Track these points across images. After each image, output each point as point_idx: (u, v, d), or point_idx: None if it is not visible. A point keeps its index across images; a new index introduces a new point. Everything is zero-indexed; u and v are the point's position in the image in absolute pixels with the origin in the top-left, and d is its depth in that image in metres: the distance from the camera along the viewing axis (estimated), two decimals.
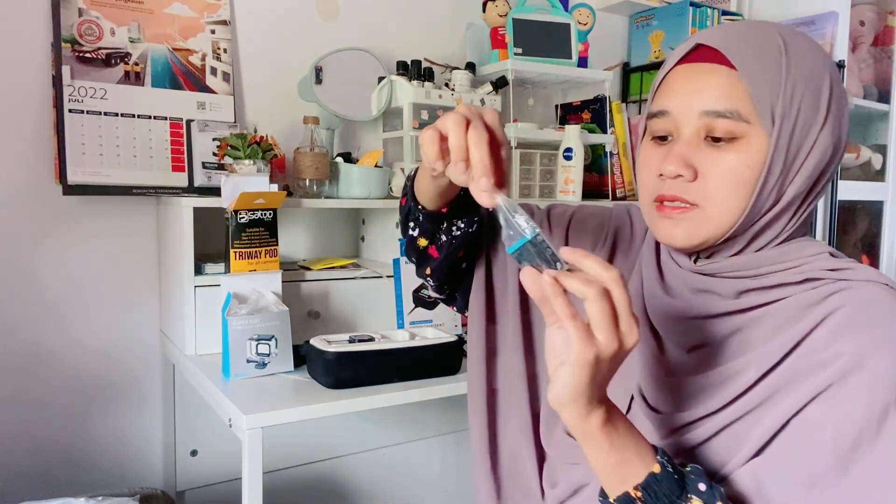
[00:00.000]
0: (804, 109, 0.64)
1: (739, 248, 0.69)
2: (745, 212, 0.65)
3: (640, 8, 2.22)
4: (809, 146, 0.65)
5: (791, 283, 0.66)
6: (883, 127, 2.53)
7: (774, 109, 0.64)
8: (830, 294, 0.64)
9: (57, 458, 1.49)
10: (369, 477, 1.79)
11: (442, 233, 0.83)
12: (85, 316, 1.50)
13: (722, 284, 0.69)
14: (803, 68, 0.65)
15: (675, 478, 0.58)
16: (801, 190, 0.66)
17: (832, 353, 0.60)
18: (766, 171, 0.64)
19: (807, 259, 0.66)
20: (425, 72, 1.66)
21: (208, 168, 1.49)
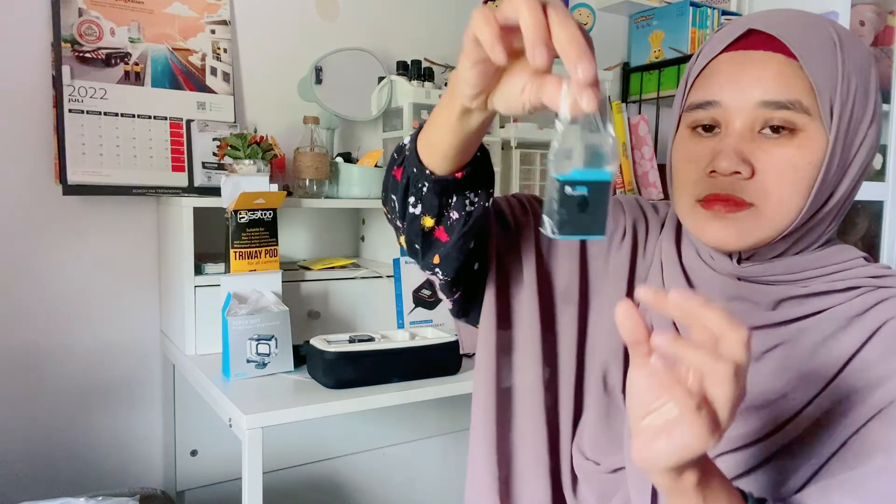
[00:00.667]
0: (857, 105, 0.60)
1: (781, 251, 0.63)
2: (802, 212, 0.60)
3: (640, 8, 2.22)
4: (860, 143, 0.61)
5: (834, 291, 0.62)
6: (883, 127, 2.53)
7: (833, 103, 0.59)
8: (876, 303, 0.60)
9: (57, 458, 1.49)
10: (369, 477, 1.79)
11: (452, 209, 0.64)
12: (85, 316, 1.50)
13: (759, 292, 0.64)
14: (855, 62, 0.61)
15: None
16: (851, 189, 0.62)
17: (889, 368, 0.57)
18: (825, 169, 0.59)
19: (846, 265, 0.63)
20: (425, 72, 1.66)
21: (208, 168, 1.49)
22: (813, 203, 0.60)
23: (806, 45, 0.60)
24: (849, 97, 0.60)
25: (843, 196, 0.62)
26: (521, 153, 1.80)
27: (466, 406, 0.92)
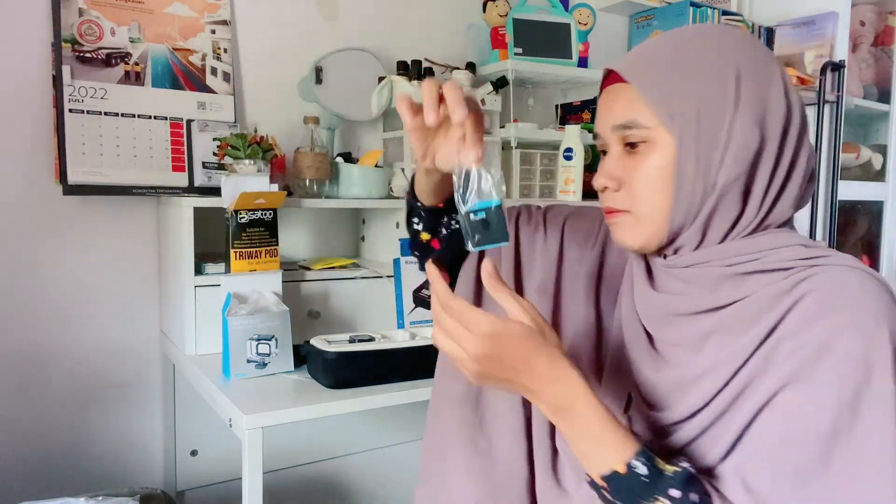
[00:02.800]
0: (706, 100, 0.66)
1: (698, 241, 0.70)
2: (670, 208, 0.69)
3: (641, 8, 2.22)
4: (726, 133, 0.66)
5: (766, 271, 0.67)
6: (883, 127, 2.53)
7: (672, 108, 0.67)
8: (801, 281, 0.64)
9: (57, 457, 1.49)
10: (369, 477, 1.79)
11: (442, 226, 0.88)
12: (85, 316, 1.50)
13: (701, 274, 0.70)
14: (698, 66, 0.67)
15: (644, 479, 0.60)
16: (733, 176, 0.66)
17: (803, 339, 0.61)
18: (678, 166, 0.67)
19: (778, 249, 0.67)
20: (426, 72, 1.66)
21: (208, 168, 1.49)
22: (681, 196, 0.68)
23: (638, 69, 0.70)
24: (688, 98, 0.67)
25: (732, 180, 0.67)
26: (521, 153, 1.80)
27: None
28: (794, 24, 2.31)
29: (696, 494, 0.60)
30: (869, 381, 0.58)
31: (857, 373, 0.58)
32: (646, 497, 0.60)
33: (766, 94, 0.67)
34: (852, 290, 0.62)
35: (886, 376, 0.58)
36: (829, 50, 2.22)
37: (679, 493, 0.60)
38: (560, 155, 1.80)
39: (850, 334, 0.59)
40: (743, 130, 0.66)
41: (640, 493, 0.61)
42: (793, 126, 0.68)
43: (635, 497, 0.61)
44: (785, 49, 2.33)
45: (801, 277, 0.65)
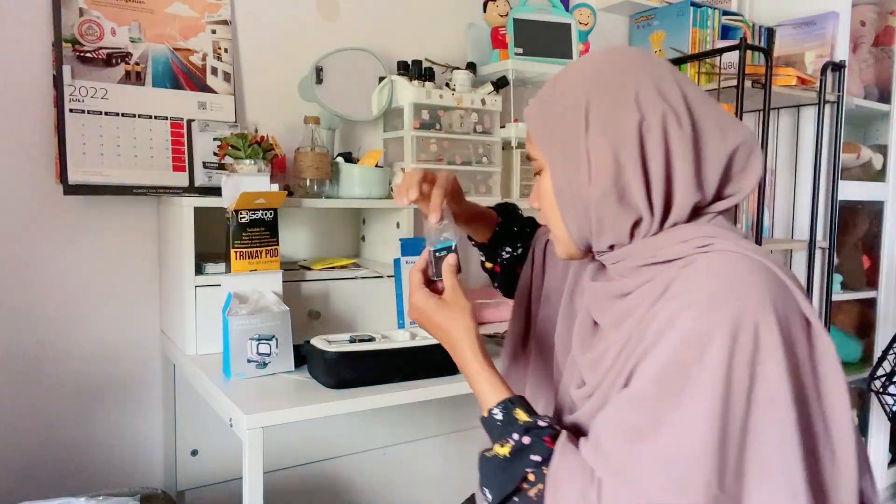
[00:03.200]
0: (565, 127, 0.76)
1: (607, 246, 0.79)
2: (568, 224, 0.79)
3: (641, 8, 2.22)
4: (584, 154, 0.74)
5: (658, 262, 0.75)
6: (883, 127, 2.53)
7: (543, 139, 0.79)
8: (683, 267, 0.71)
9: (57, 458, 1.49)
10: (369, 477, 1.79)
11: (499, 256, 1.12)
12: (85, 315, 1.50)
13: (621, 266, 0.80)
14: (560, 96, 0.78)
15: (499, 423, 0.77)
16: (602, 189, 0.74)
17: (659, 318, 0.69)
18: (555, 187, 0.79)
19: (676, 243, 0.74)
20: (426, 72, 1.66)
21: (209, 168, 1.49)
22: (567, 214, 0.78)
23: (531, 105, 0.84)
24: (553, 127, 0.78)
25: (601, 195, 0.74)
26: (522, 153, 1.80)
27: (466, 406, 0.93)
28: (795, 24, 2.31)
29: (529, 438, 0.73)
30: (701, 358, 0.64)
31: (689, 348, 0.64)
32: (498, 438, 0.76)
33: (616, 109, 0.74)
34: (711, 272, 0.68)
35: (720, 357, 0.63)
36: (829, 50, 2.22)
37: (518, 436, 0.73)
38: None
39: (688, 313, 0.66)
40: (598, 149, 0.74)
41: (496, 434, 0.77)
42: (651, 131, 0.73)
43: (493, 437, 0.77)
44: (785, 49, 2.33)
45: (685, 264, 0.71)
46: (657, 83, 0.75)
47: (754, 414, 0.63)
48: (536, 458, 0.72)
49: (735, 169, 0.76)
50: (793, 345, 0.66)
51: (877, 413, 2.52)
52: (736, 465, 0.63)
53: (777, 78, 2.07)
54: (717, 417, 0.62)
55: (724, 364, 0.63)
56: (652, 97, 0.74)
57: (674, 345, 0.65)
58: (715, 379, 0.63)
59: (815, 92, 2.17)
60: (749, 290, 0.66)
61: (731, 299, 0.65)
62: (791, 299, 0.68)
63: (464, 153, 1.69)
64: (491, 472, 0.75)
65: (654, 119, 0.73)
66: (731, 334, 0.64)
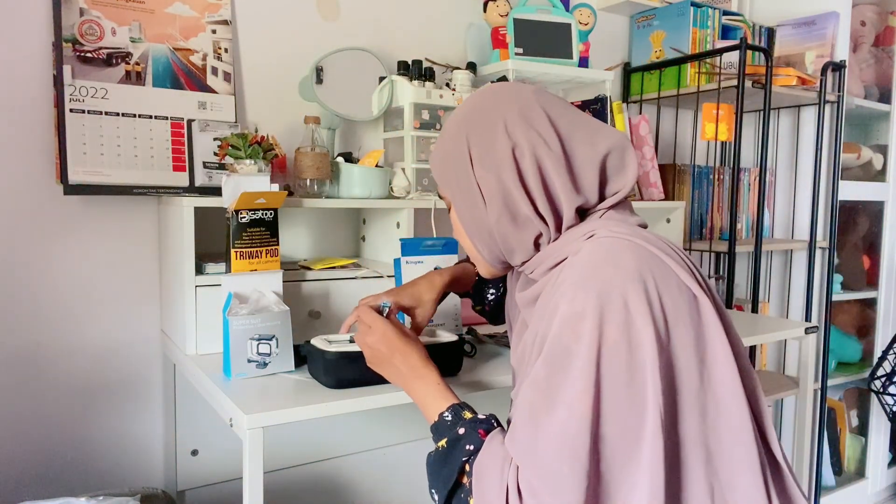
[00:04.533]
0: (455, 165, 0.87)
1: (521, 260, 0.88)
2: (480, 250, 0.90)
3: (641, 8, 2.22)
4: (475, 186, 0.85)
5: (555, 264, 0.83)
6: (883, 127, 2.53)
7: (441, 179, 0.92)
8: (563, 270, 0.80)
9: (57, 458, 1.49)
10: (369, 477, 1.79)
11: (484, 298, 1.26)
12: (86, 315, 1.50)
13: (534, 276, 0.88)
14: (449, 137, 0.89)
15: (448, 422, 0.86)
16: (497, 213, 0.84)
17: (548, 307, 0.77)
18: (462, 221, 0.89)
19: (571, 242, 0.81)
20: (426, 72, 1.66)
21: (209, 168, 1.49)
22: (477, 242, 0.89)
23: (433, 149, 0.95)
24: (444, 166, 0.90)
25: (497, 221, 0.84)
26: None
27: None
28: (795, 24, 2.31)
29: (463, 429, 0.81)
30: (577, 334, 0.71)
31: (567, 329, 0.72)
32: (443, 435, 0.84)
33: (491, 141, 0.84)
34: (580, 260, 0.76)
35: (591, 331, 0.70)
36: (829, 50, 2.22)
37: (456, 429, 0.82)
38: None
39: (564, 297, 0.73)
40: (486, 178, 0.83)
41: (444, 432, 0.84)
42: (523, 155, 0.82)
43: (439, 436, 0.85)
44: (785, 49, 2.33)
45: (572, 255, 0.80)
46: (522, 111, 0.84)
47: (636, 379, 0.69)
48: (470, 447, 0.79)
49: (611, 170, 0.84)
50: (667, 314, 0.72)
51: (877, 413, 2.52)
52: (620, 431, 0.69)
53: (777, 78, 2.08)
54: (596, 387, 0.69)
55: (597, 338, 0.70)
56: (519, 124, 0.83)
57: (556, 327, 0.73)
58: (591, 353, 0.69)
59: (815, 92, 2.17)
60: (615, 267, 0.73)
61: (597, 277, 0.73)
62: (667, 271, 0.74)
63: None
64: (434, 470, 0.84)
65: (524, 143, 0.82)
66: (599, 309, 0.70)
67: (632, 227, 0.81)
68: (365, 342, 1.00)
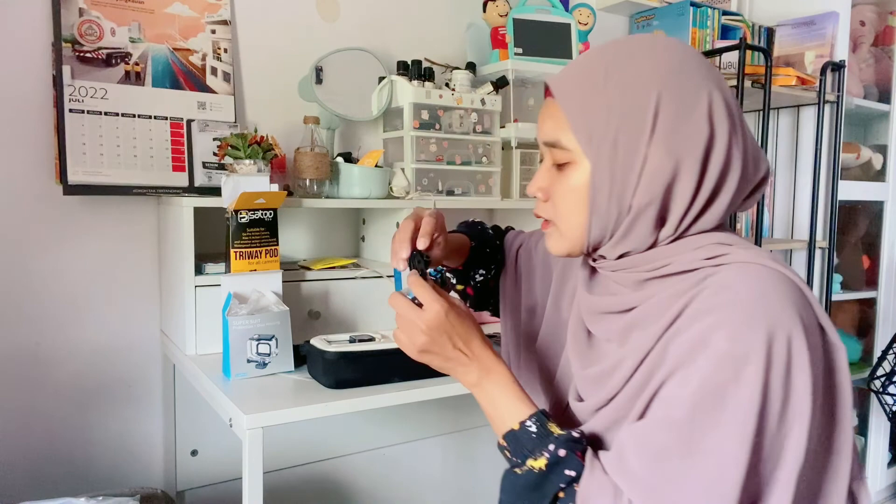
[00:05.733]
0: (624, 130, 0.69)
1: (617, 255, 0.75)
2: (587, 227, 0.73)
3: (641, 8, 2.22)
4: (640, 162, 0.69)
5: (670, 274, 0.72)
6: (883, 127, 2.53)
7: (591, 134, 0.70)
8: (703, 279, 0.68)
9: (57, 458, 1.49)
10: (369, 477, 1.79)
11: (471, 279, 1.07)
12: (85, 315, 1.50)
13: (625, 276, 0.76)
14: (622, 90, 0.69)
15: (533, 435, 0.72)
16: (647, 201, 0.70)
17: (687, 335, 0.65)
18: (593, 189, 0.71)
19: (686, 253, 0.71)
20: (426, 72, 1.66)
21: (209, 168, 1.49)
22: (596, 217, 0.72)
23: (566, 87, 0.73)
24: (609, 124, 0.69)
25: (647, 204, 0.70)
26: (522, 153, 1.80)
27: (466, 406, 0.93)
28: (795, 24, 2.31)
29: (564, 451, 0.69)
30: (737, 378, 0.61)
31: (725, 369, 0.62)
32: (532, 451, 0.70)
33: (686, 120, 0.68)
34: (740, 286, 0.65)
35: (756, 375, 0.61)
36: (829, 50, 2.22)
37: (553, 447, 0.69)
38: None
39: (723, 331, 0.63)
40: (656, 159, 0.68)
41: (529, 447, 0.71)
42: (716, 150, 0.69)
43: (526, 451, 0.71)
44: (785, 49, 2.33)
45: (703, 276, 0.68)
46: (726, 97, 0.70)
47: (784, 429, 0.62)
48: (571, 474, 0.68)
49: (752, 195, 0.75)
50: (814, 354, 0.64)
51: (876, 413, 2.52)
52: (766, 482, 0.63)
53: (777, 78, 2.07)
54: (752, 438, 0.61)
55: (761, 383, 0.61)
56: (722, 114, 0.69)
57: (709, 366, 0.63)
58: (752, 400, 0.61)
59: (814, 92, 2.17)
60: (777, 303, 0.64)
61: (763, 316, 0.63)
62: (810, 309, 0.67)
63: (463, 153, 1.69)
64: (521, 491, 0.70)
65: (721, 139, 0.69)
66: (767, 352, 0.61)
67: (762, 249, 0.71)
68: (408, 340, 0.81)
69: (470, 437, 1.90)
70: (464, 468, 1.92)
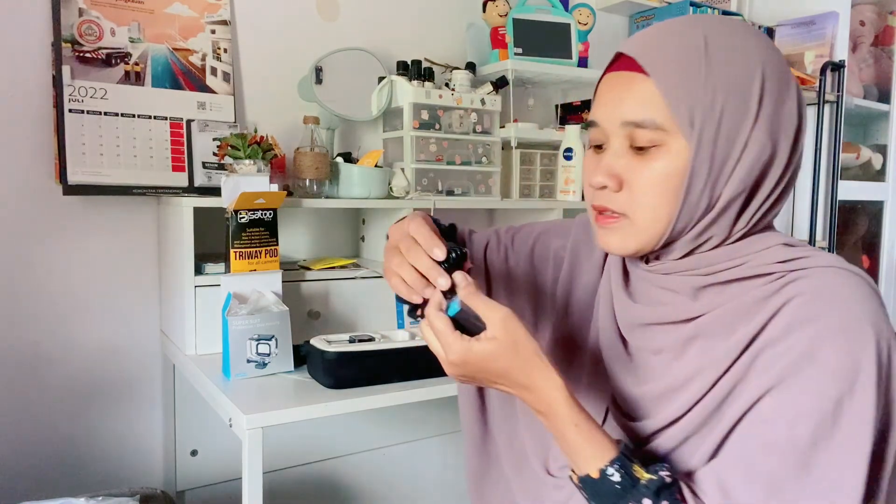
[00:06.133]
0: (729, 111, 0.62)
1: (685, 252, 0.67)
2: (673, 219, 0.65)
3: (641, 8, 2.22)
4: (741, 147, 0.63)
5: (745, 278, 0.65)
6: (883, 127, 2.53)
7: (693, 115, 0.62)
8: (784, 285, 0.63)
9: (57, 458, 1.49)
10: (369, 477, 1.79)
11: None
12: (85, 316, 1.50)
13: (680, 282, 0.68)
14: (727, 67, 0.63)
15: (617, 486, 0.61)
16: (739, 191, 0.64)
17: (785, 345, 0.60)
18: (690, 178, 0.63)
19: (757, 254, 0.66)
20: (425, 72, 1.66)
21: (208, 168, 1.49)
22: (686, 208, 0.64)
23: (663, 61, 0.63)
24: (714, 106, 0.62)
25: (735, 196, 0.64)
26: (521, 153, 1.80)
27: None
28: (794, 24, 2.31)
29: (667, 503, 0.60)
30: (852, 391, 0.57)
31: (839, 383, 0.57)
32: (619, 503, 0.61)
33: (783, 105, 0.64)
34: (836, 294, 0.60)
35: (869, 386, 0.57)
36: (829, 50, 2.22)
37: (650, 502, 0.60)
38: (560, 155, 1.80)
39: (832, 342, 0.58)
40: (758, 145, 0.63)
41: (612, 499, 0.61)
42: (802, 137, 0.66)
43: (606, 500, 0.62)
44: (785, 49, 2.33)
45: (784, 282, 0.63)
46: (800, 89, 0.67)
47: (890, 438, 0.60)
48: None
49: None
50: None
51: None
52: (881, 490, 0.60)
53: None
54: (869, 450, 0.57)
55: (874, 394, 0.57)
56: (802, 104, 0.66)
57: (821, 380, 0.58)
58: (867, 412, 0.57)
59: (814, 92, 2.17)
60: (875, 311, 0.60)
61: (866, 324, 0.59)
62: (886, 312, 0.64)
63: (463, 153, 1.69)
64: None
65: (804, 128, 0.66)
66: (877, 362, 0.58)
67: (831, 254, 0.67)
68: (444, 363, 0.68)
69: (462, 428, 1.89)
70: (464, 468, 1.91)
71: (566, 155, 1.79)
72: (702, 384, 0.65)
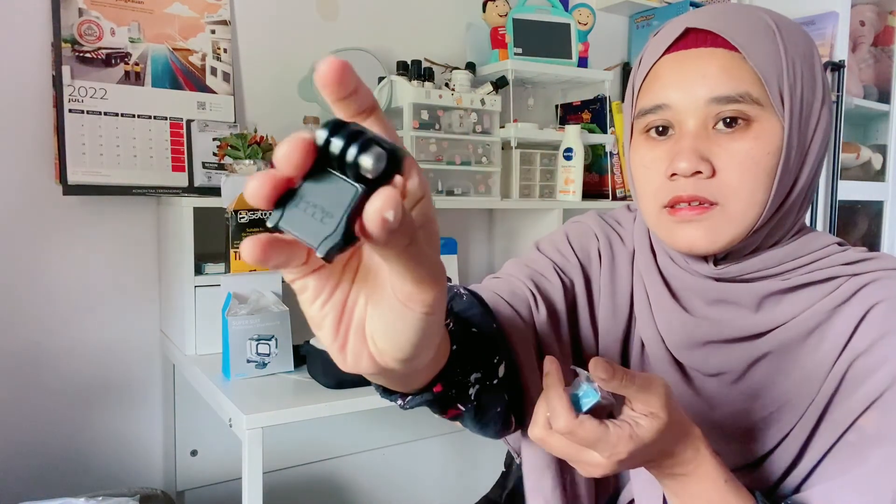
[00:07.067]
0: (806, 88, 0.60)
1: (755, 247, 0.62)
2: (768, 204, 0.59)
3: (641, 8, 2.22)
4: (814, 126, 0.60)
5: (813, 283, 0.61)
6: (883, 127, 2.53)
7: (782, 89, 0.58)
8: (858, 290, 0.60)
9: (57, 458, 1.49)
10: (369, 477, 1.79)
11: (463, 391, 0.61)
12: (85, 316, 1.49)
13: (740, 291, 0.63)
14: (796, 45, 0.60)
15: None
16: (814, 172, 0.61)
17: (879, 356, 0.57)
18: (784, 156, 0.58)
19: (822, 252, 0.62)
20: (425, 72, 1.66)
21: (208, 168, 1.49)
22: (777, 193, 0.59)
23: (745, 35, 0.59)
24: (796, 82, 0.59)
25: (807, 181, 0.62)
26: (521, 153, 1.80)
27: None
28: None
29: None
30: None
31: None
32: None
33: (828, 90, 0.63)
34: None
35: None
36: (828, 50, 2.22)
37: None
38: (560, 155, 1.80)
39: None
40: (826, 124, 0.61)
41: None
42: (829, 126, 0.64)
43: None
44: None
45: (853, 286, 0.60)
46: None
47: None
48: None
49: None
50: None
51: None
52: None
53: None
54: None
55: None
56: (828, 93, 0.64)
57: None
58: None
59: None
60: None
61: None
62: None
63: (463, 153, 1.69)
64: None
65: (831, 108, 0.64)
66: None
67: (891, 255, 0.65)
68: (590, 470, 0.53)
69: (470, 437, 1.89)
70: (464, 468, 1.91)
71: (566, 155, 1.79)
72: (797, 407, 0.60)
